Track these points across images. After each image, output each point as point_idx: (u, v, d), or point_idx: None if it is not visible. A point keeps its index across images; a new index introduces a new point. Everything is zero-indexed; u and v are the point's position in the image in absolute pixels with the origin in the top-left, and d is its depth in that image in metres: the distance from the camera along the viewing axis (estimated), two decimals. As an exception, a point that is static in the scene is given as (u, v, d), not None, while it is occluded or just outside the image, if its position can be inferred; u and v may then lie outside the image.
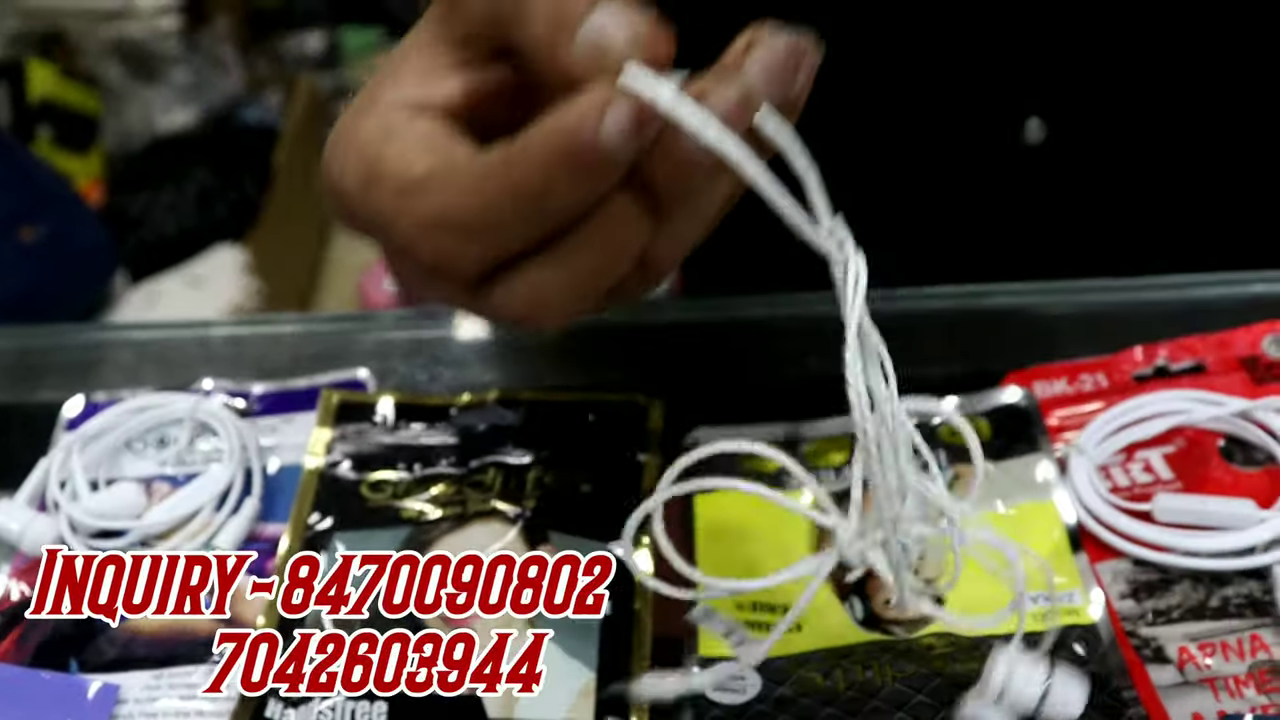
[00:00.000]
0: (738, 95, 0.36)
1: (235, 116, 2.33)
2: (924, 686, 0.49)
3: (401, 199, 0.39)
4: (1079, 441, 0.57)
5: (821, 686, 0.50)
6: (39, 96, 2.39)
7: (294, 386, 0.67)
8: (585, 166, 0.35)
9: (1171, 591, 0.52)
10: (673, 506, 0.47)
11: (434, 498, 0.59)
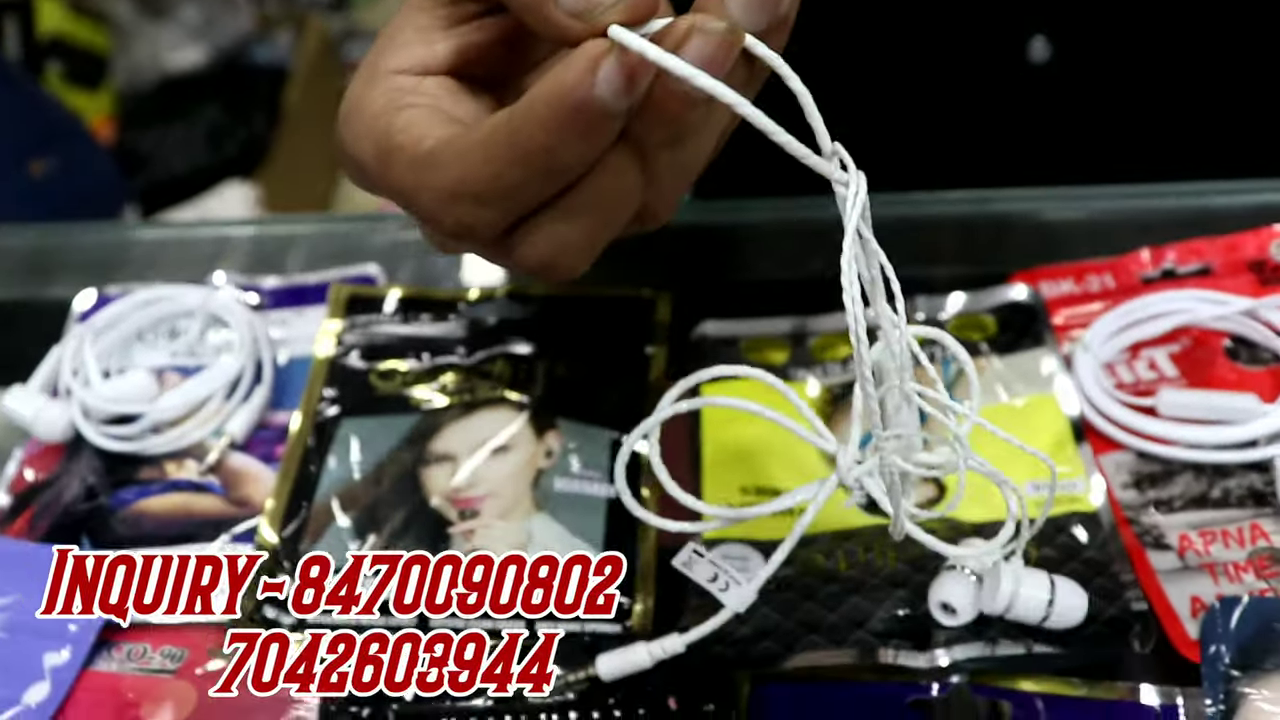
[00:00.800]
0: (722, 32, 0.37)
1: (245, 55, 2.31)
2: (925, 567, 0.49)
3: (418, 174, 0.40)
4: (1085, 339, 0.58)
5: (823, 567, 0.51)
6: (48, 32, 2.38)
7: (305, 281, 0.67)
8: (584, 125, 0.37)
9: (1174, 482, 0.53)
10: (680, 417, 0.48)
11: (442, 386, 0.60)
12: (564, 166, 0.38)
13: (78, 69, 2.37)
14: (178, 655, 0.52)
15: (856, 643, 0.48)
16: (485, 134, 0.39)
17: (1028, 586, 0.46)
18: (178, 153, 2.22)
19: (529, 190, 0.39)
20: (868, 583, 0.49)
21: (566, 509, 0.54)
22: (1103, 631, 0.47)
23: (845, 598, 0.49)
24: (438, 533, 0.54)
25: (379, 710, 0.48)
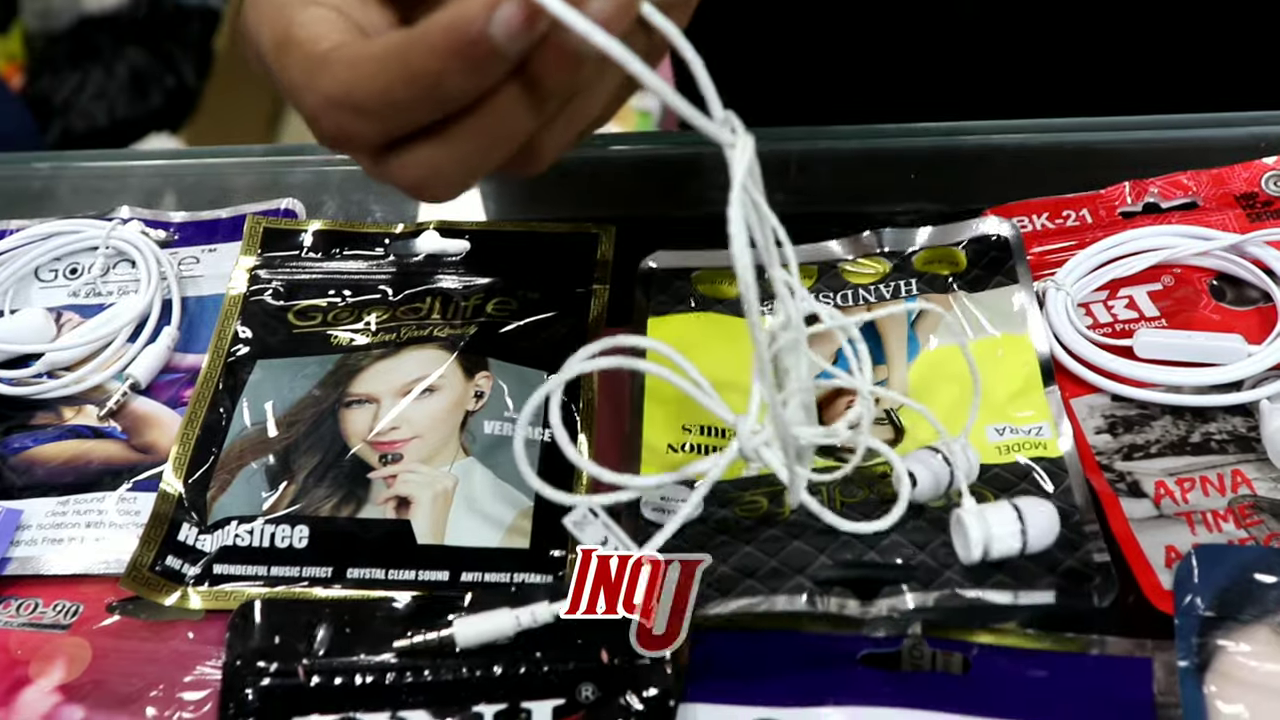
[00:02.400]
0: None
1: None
2: (872, 512, 0.49)
3: (308, 74, 0.43)
4: (1057, 276, 0.58)
5: (765, 510, 0.51)
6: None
7: (217, 215, 0.67)
8: (475, 59, 0.39)
9: (1150, 427, 0.53)
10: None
11: (365, 325, 0.59)
12: (449, 95, 0.41)
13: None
14: (72, 609, 0.52)
15: (796, 588, 0.47)
16: (379, 49, 0.41)
17: (996, 525, 0.47)
18: (96, 102, 2.20)
19: (412, 112, 0.41)
20: (811, 528, 0.49)
21: (494, 453, 0.54)
22: (1061, 584, 0.47)
23: (787, 542, 0.49)
24: (357, 478, 0.54)
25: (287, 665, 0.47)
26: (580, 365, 0.46)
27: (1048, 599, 0.47)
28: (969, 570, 0.47)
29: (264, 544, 0.52)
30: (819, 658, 0.47)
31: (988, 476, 0.51)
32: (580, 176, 0.70)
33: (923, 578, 0.47)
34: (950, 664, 0.47)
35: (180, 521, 0.53)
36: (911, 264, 0.59)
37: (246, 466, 0.54)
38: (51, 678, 0.50)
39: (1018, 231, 0.60)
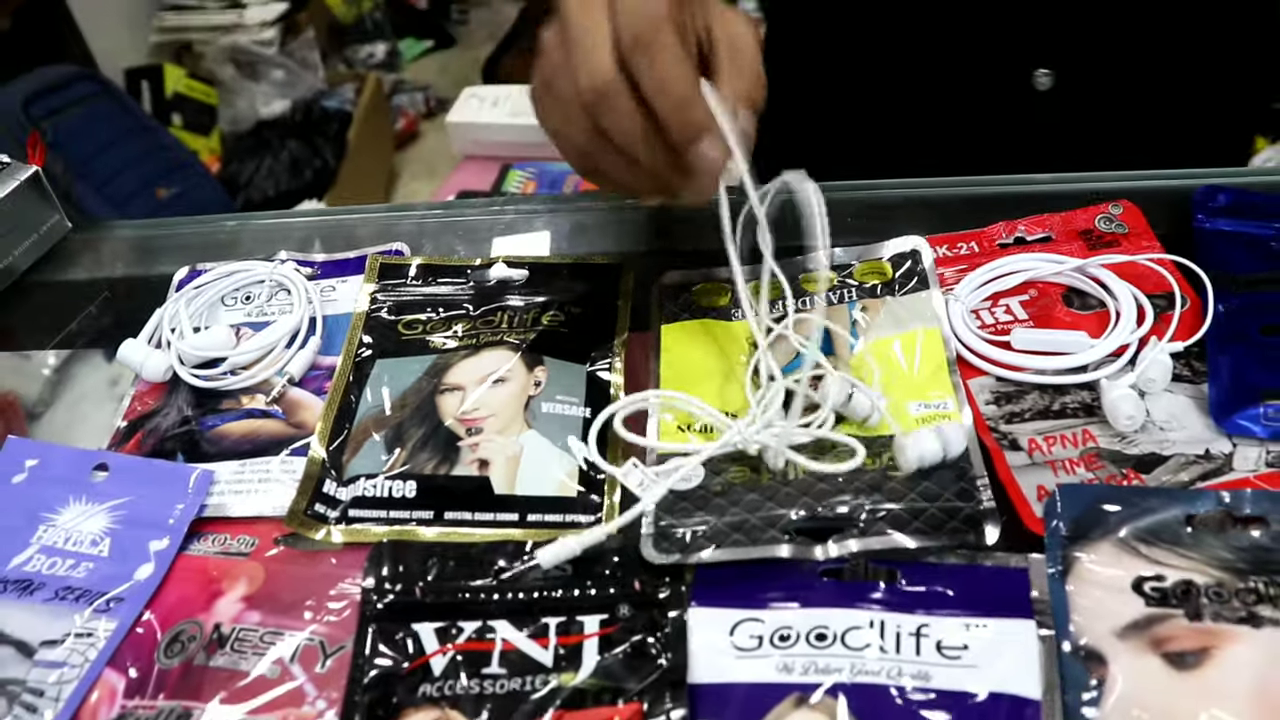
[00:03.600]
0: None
1: (318, 104, 2.29)
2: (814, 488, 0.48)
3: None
4: (955, 291, 0.56)
5: (748, 478, 0.49)
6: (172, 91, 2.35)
7: (347, 256, 0.65)
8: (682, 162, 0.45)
9: (1024, 399, 0.51)
10: (646, 341, 0.51)
11: (454, 333, 0.57)
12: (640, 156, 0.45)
13: (193, 119, 2.35)
14: (250, 542, 0.50)
15: (771, 540, 0.45)
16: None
17: (925, 440, 0.47)
18: (266, 179, 2.19)
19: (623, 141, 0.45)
20: (781, 491, 0.48)
21: (551, 427, 0.52)
22: (960, 527, 0.45)
23: (763, 504, 0.47)
24: (450, 446, 0.52)
25: (408, 587, 0.46)
26: (616, 407, 0.48)
27: (951, 540, 0.45)
28: (895, 519, 0.45)
29: (384, 495, 0.50)
30: (789, 574, 0.45)
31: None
32: (610, 225, 0.68)
33: (863, 528, 0.45)
34: (884, 574, 0.45)
35: (324, 479, 0.51)
36: (852, 275, 0.57)
37: (370, 438, 0.53)
38: (237, 591, 0.48)
39: (926, 245, 0.58)
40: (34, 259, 0.71)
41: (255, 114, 2.29)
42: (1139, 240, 0.58)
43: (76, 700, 0.45)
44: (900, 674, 0.41)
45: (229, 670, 0.45)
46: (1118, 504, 0.44)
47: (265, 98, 2.31)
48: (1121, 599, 0.42)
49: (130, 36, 2.39)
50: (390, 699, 0.42)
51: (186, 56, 2.43)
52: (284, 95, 2.31)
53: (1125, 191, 0.62)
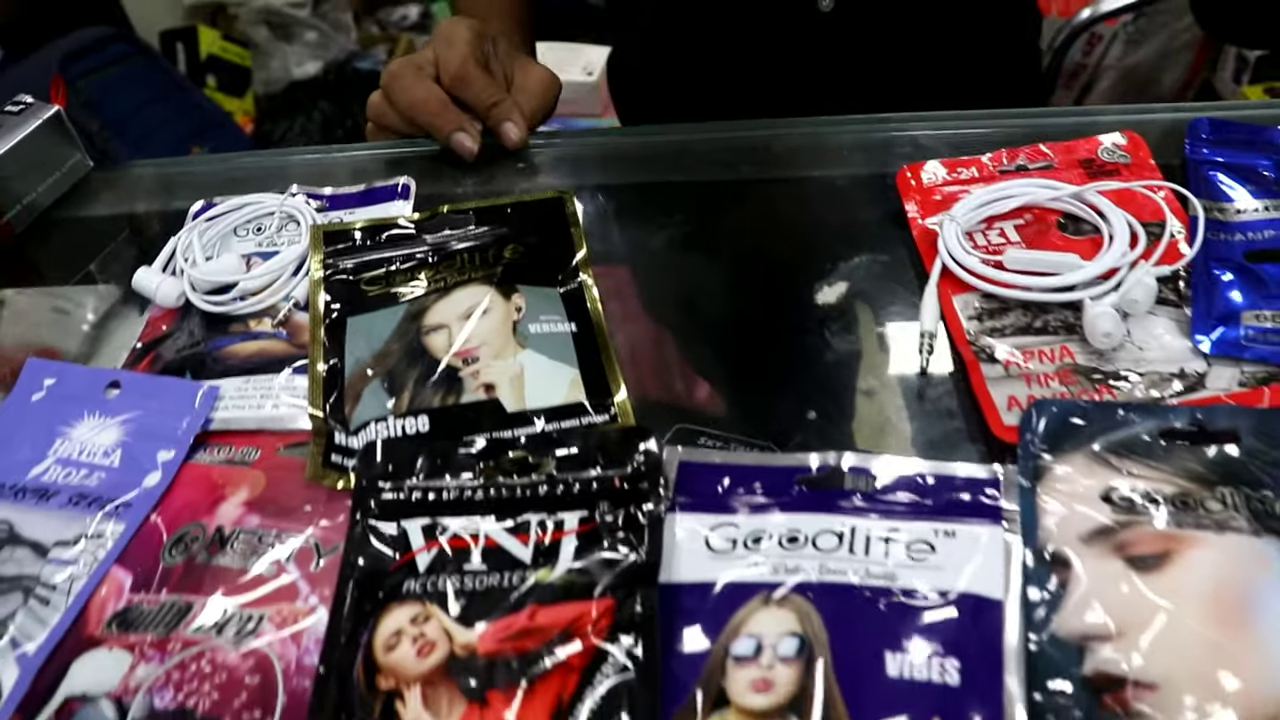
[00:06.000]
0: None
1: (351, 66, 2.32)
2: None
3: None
4: (951, 212, 0.57)
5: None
6: (206, 54, 2.39)
7: (353, 190, 0.68)
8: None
9: (1007, 315, 0.53)
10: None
11: (419, 281, 0.59)
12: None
13: (227, 80, 2.39)
14: (255, 451, 0.53)
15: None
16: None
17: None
18: (299, 139, 2.23)
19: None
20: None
21: (544, 345, 0.55)
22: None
23: None
24: (452, 378, 0.54)
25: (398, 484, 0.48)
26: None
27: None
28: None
29: (397, 433, 0.51)
30: (768, 481, 0.47)
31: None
32: (542, 162, 0.71)
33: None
34: (859, 483, 0.47)
35: (333, 432, 0.53)
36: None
37: (368, 386, 0.54)
38: (239, 496, 0.51)
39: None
40: (56, 196, 0.75)
41: (288, 75, 2.33)
42: (1140, 170, 0.59)
43: (86, 594, 0.48)
44: (867, 574, 0.43)
45: (228, 568, 0.48)
46: (1092, 418, 0.46)
47: (298, 59, 2.35)
48: (1090, 507, 0.43)
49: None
50: (377, 594, 0.45)
51: (221, 19, 2.47)
52: (317, 57, 2.34)
53: (1129, 124, 0.62)
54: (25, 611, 0.48)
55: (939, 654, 0.40)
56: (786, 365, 0.53)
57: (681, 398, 0.55)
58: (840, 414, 0.50)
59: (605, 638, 0.42)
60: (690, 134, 0.68)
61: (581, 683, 0.41)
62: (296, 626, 0.45)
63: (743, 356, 0.55)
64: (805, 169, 0.64)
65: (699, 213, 0.63)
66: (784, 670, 0.40)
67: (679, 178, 0.66)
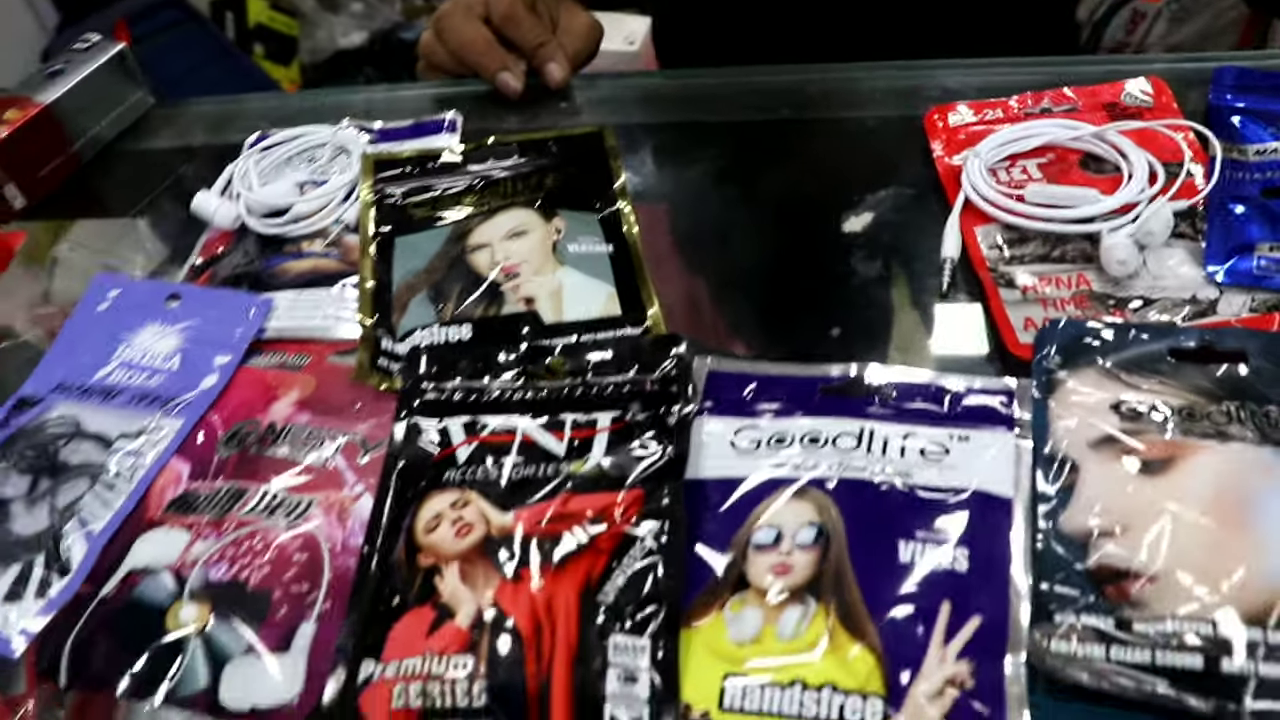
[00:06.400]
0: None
1: (395, 35, 2.35)
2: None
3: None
4: (976, 148, 0.59)
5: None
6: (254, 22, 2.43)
7: (401, 124, 0.71)
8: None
9: (1026, 245, 0.55)
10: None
11: (464, 204, 0.62)
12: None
13: (275, 49, 2.42)
14: (306, 357, 0.57)
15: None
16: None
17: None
18: (345, 107, 2.27)
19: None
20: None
21: (582, 263, 0.57)
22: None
23: None
24: (495, 292, 0.56)
25: (440, 385, 0.51)
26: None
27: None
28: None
29: (440, 341, 0.54)
30: (792, 389, 0.50)
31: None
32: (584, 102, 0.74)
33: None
34: (881, 392, 0.49)
35: (380, 339, 0.55)
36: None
37: (414, 297, 0.57)
38: (291, 396, 0.54)
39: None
40: (119, 129, 0.78)
41: (334, 44, 2.36)
42: (1164, 115, 0.61)
43: (147, 481, 0.52)
44: (883, 471, 0.45)
45: (279, 459, 0.51)
46: (1103, 336, 0.48)
47: (344, 29, 2.38)
48: (1098, 416, 0.45)
49: (216, -32, 2.48)
50: (419, 482, 0.48)
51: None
52: (362, 27, 2.38)
53: (1156, 73, 0.64)
54: (92, 495, 0.51)
55: (949, 544, 0.42)
56: (813, 288, 0.55)
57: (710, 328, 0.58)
58: (863, 332, 0.52)
59: (633, 524, 0.44)
60: (727, 78, 0.70)
61: (609, 563, 0.43)
62: (342, 509, 0.48)
63: (772, 280, 0.57)
64: (838, 111, 0.66)
65: (734, 150, 0.65)
66: (802, 556, 0.43)
67: (716, 118, 0.69)
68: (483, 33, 0.71)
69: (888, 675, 0.39)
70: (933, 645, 0.40)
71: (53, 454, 0.54)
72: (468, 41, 0.72)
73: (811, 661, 0.40)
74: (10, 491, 0.52)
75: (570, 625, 0.42)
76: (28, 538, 0.50)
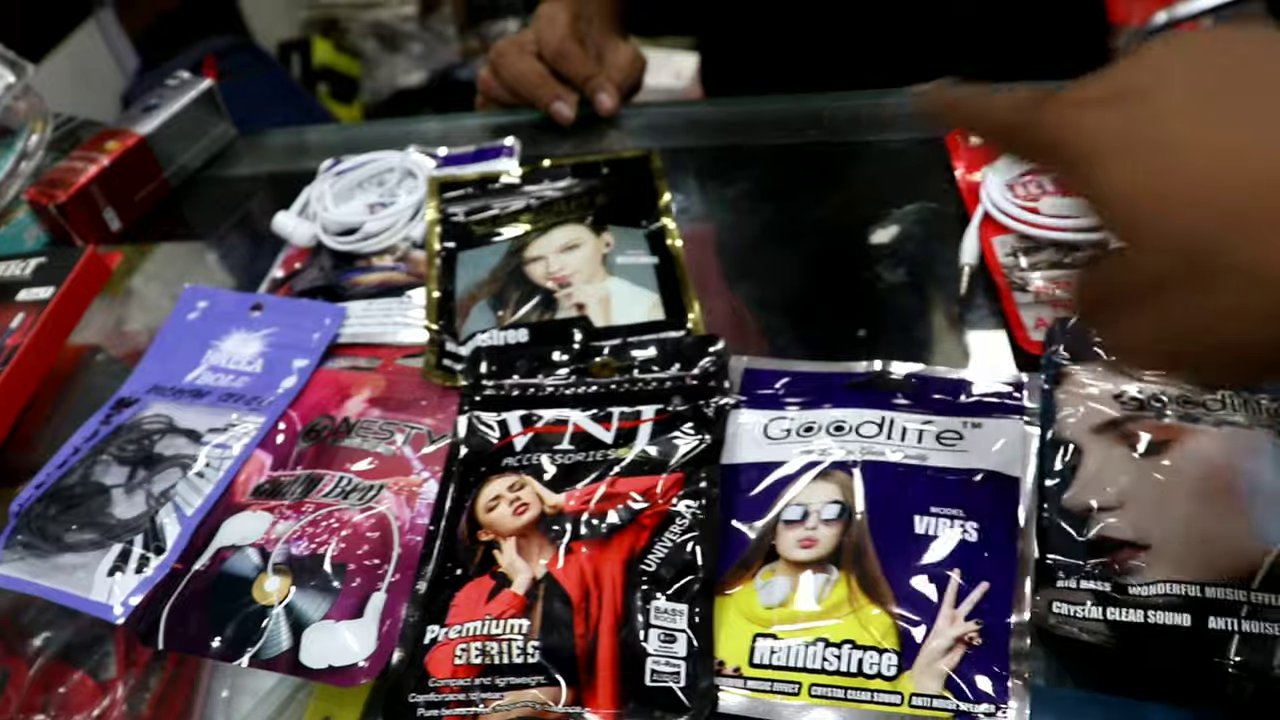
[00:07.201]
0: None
1: (452, 75, 2.45)
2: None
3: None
4: (996, 164, 0.63)
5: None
6: (320, 63, 2.54)
7: (464, 151, 0.76)
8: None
9: (1041, 254, 0.59)
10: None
11: (522, 222, 0.68)
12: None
13: (338, 88, 2.53)
14: (377, 360, 0.62)
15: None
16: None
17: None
18: (405, 143, 2.36)
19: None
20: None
21: (629, 273, 0.62)
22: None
23: None
24: (549, 299, 0.62)
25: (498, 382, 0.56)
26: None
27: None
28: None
29: (499, 343, 0.59)
30: (820, 384, 0.54)
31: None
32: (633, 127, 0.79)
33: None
34: (902, 385, 0.53)
35: (444, 341, 0.60)
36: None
37: (476, 305, 0.62)
38: (363, 394, 0.60)
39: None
40: (205, 159, 0.86)
41: (394, 84, 2.47)
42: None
43: (234, 470, 0.57)
44: (903, 455, 0.49)
45: (353, 449, 0.57)
46: (1111, 332, 0.51)
47: (404, 69, 2.49)
48: (1102, 404, 0.49)
49: (284, 12, 2.60)
50: (480, 468, 0.53)
51: (333, 31, 2.63)
52: (421, 67, 2.48)
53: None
54: (184, 483, 0.57)
55: (961, 518, 0.46)
56: (841, 294, 0.59)
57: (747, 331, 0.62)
58: (887, 333, 0.57)
59: (673, 503, 0.49)
60: (762, 105, 0.75)
61: (651, 537, 0.48)
62: (410, 493, 0.53)
63: (803, 288, 0.62)
64: (865, 134, 0.71)
65: (769, 171, 0.70)
66: (826, 530, 0.47)
67: (752, 142, 0.74)
68: (536, 67, 0.78)
69: (902, 634, 0.43)
70: (944, 607, 0.44)
71: (149, 447, 0.60)
72: (522, 74, 0.78)
73: (833, 623, 0.44)
74: (111, 480, 0.58)
75: (616, 592, 0.46)
76: (128, 520, 0.56)
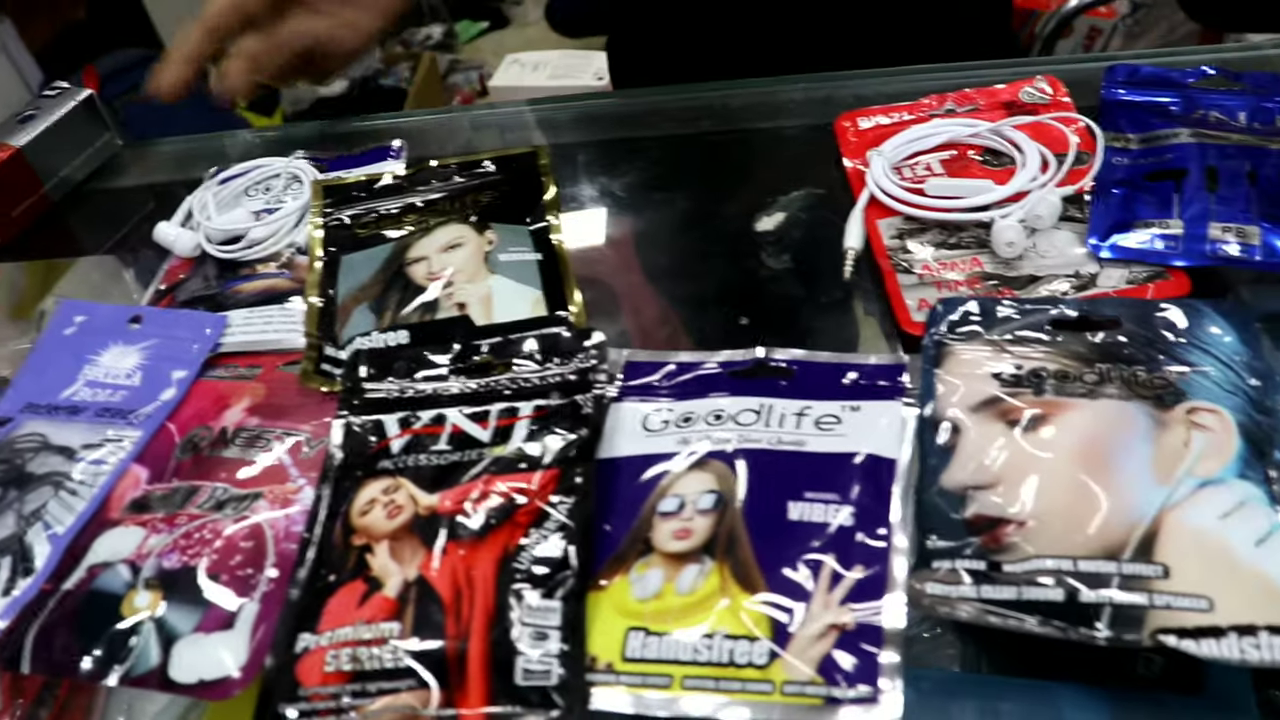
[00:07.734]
0: None
1: (375, 82, 2.43)
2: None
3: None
4: (880, 148, 0.64)
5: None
6: (237, 76, 2.51)
7: (350, 153, 0.76)
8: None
9: (925, 234, 0.59)
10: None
11: (405, 222, 0.67)
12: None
13: (257, 99, 2.50)
14: (257, 368, 0.61)
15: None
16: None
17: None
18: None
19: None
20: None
21: (512, 270, 0.62)
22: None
23: None
24: (428, 301, 0.61)
25: (378, 385, 0.55)
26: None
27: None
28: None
29: (378, 345, 0.59)
30: (701, 373, 0.54)
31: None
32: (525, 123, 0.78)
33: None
34: (783, 372, 0.53)
35: (324, 345, 0.60)
36: None
37: (358, 308, 0.61)
38: (242, 403, 0.58)
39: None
40: (89, 170, 0.84)
41: (314, 93, 2.45)
42: (1059, 110, 0.65)
43: (107, 487, 0.56)
44: (779, 441, 0.49)
45: (230, 459, 0.55)
46: (989, 310, 0.52)
47: (326, 78, 2.48)
48: (980, 383, 0.49)
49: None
50: (355, 472, 0.52)
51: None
52: (343, 75, 2.46)
53: (1059, 74, 0.69)
54: (56, 501, 0.55)
55: (835, 502, 0.46)
56: (725, 282, 0.59)
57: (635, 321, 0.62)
58: (770, 320, 0.57)
59: (548, 500, 0.48)
60: (655, 97, 0.75)
61: (525, 535, 0.47)
62: (286, 501, 0.52)
63: (690, 276, 0.62)
64: (756, 122, 0.71)
65: (659, 162, 0.70)
66: (701, 520, 0.47)
67: (643, 134, 0.74)
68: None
69: (774, 621, 0.43)
70: (817, 593, 0.43)
71: (20, 466, 0.58)
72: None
73: (705, 614, 0.44)
74: (-20, 504, 0.56)
75: (488, 592, 0.46)
76: (-4, 543, 0.54)
